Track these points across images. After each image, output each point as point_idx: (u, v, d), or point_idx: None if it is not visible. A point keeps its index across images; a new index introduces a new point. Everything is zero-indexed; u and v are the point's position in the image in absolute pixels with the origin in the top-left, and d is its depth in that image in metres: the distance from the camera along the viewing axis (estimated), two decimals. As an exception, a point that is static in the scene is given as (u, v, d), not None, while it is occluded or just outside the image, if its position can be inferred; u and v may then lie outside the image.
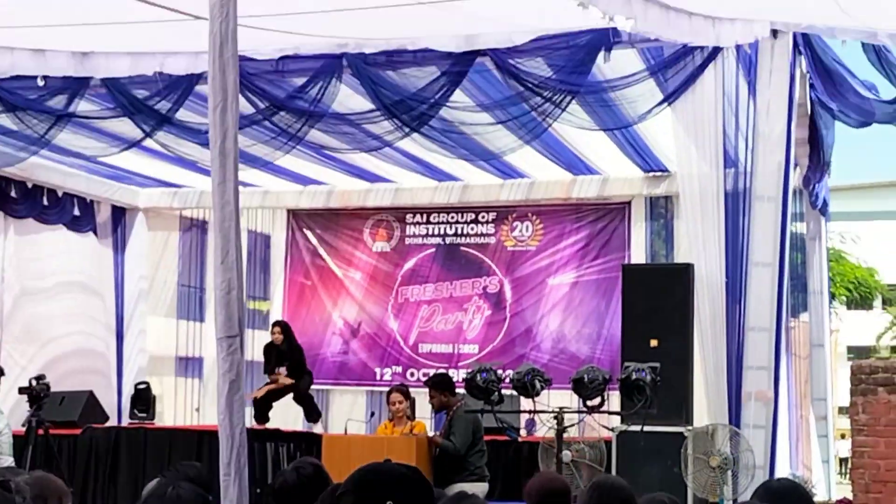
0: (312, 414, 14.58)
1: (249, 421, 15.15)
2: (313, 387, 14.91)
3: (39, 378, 12.13)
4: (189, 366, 16.90)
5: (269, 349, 14.41)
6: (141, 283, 16.78)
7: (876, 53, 9.71)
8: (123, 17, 9.44)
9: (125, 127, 11.90)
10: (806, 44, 10.13)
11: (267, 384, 14.33)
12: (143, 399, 15.28)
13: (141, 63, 10.90)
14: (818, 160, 12.82)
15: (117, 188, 16.32)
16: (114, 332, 16.39)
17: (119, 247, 16.69)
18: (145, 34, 10.06)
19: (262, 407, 14.31)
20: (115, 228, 16.64)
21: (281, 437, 13.20)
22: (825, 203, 14.32)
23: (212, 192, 4.55)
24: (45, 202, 15.36)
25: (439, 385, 10.99)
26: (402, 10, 9.26)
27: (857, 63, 10.14)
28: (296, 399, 14.49)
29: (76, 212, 15.87)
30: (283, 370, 14.26)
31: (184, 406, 16.77)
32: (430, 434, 11.22)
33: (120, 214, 16.70)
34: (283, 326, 14.49)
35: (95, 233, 16.29)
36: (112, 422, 14.95)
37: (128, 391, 15.88)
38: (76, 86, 11.28)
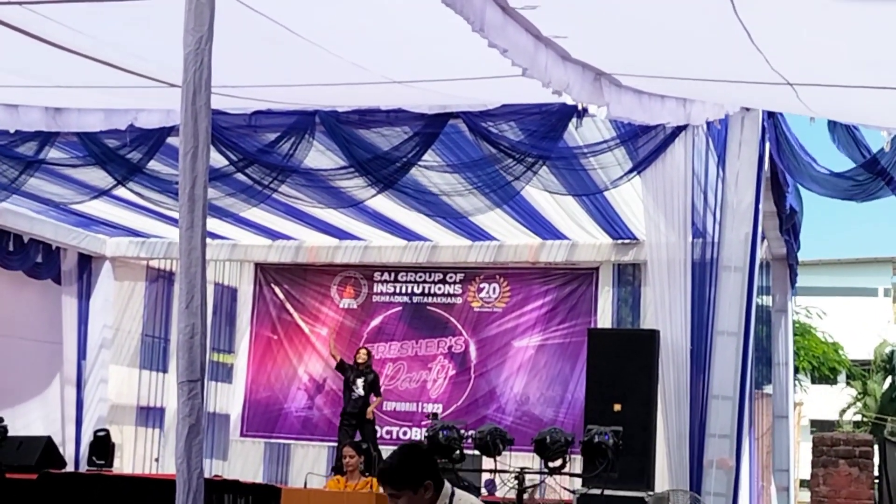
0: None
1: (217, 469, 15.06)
2: (275, 440, 14.77)
3: (-2, 420, 12.07)
4: (150, 416, 16.77)
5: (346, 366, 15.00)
6: (105, 332, 16.66)
7: (844, 129, 9.73)
8: (98, 80, 9.39)
9: (96, 175, 11.87)
10: (771, 121, 10.21)
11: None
12: (102, 447, 15.14)
13: (113, 118, 10.85)
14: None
15: (84, 236, 16.26)
16: (74, 380, 16.25)
17: (83, 295, 16.57)
18: (119, 95, 10.04)
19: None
20: (80, 276, 16.53)
21: (240, 490, 13.07)
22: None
23: (179, 238, 4.54)
24: (10, 248, 15.24)
25: None
26: (374, 87, 9.27)
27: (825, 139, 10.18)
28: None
29: (38, 259, 15.77)
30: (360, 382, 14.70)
31: (143, 456, 16.64)
32: None
33: (86, 262, 16.61)
34: (368, 351, 15.12)
35: (57, 280, 16.19)
36: (69, 469, 14.79)
37: (87, 439, 15.74)
38: (47, 133, 11.24)
